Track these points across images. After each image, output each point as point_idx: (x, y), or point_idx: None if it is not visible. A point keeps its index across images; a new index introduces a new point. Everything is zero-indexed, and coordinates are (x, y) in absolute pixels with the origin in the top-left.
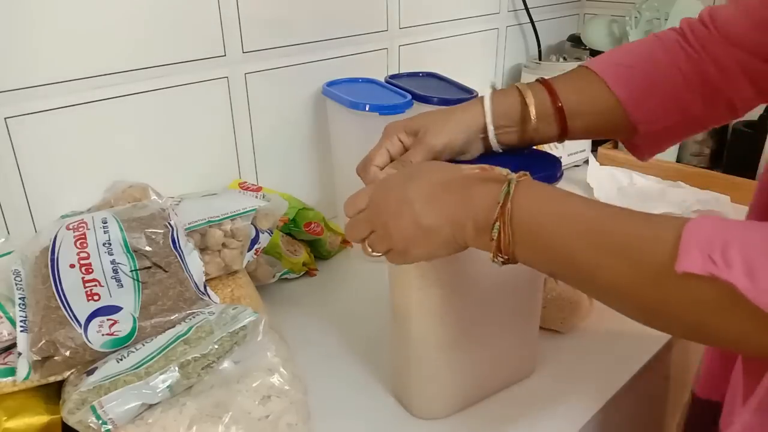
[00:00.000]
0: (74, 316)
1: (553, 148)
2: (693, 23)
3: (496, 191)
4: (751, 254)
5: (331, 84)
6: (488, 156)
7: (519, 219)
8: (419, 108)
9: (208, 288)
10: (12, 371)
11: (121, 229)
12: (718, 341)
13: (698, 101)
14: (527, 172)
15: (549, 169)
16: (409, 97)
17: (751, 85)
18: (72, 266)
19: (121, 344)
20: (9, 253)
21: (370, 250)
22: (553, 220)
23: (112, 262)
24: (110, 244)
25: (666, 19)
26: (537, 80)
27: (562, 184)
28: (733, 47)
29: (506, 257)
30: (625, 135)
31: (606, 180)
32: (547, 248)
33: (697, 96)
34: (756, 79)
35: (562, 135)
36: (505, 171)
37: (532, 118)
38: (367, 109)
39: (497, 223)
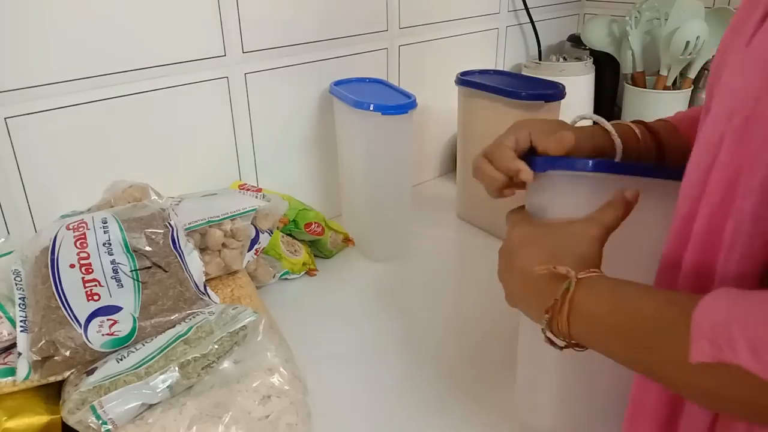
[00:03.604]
0: (74, 316)
1: None
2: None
3: (557, 289)
4: (753, 332)
5: (338, 83)
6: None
7: (572, 317)
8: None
9: (208, 288)
10: (12, 371)
11: (121, 229)
12: (744, 415)
13: None
14: (595, 271)
15: None
16: (414, 98)
17: None
18: (72, 266)
19: (121, 344)
20: (9, 253)
21: None
22: (591, 324)
23: (112, 262)
24: (110, 244)
25: (666, 19)
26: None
27: None
28: None
29: (566, 342)
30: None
31: None
32: (593, 343)
33: None
34: None
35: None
36: (564, 269)
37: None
38: (371, 108)
39: (549, 315)
